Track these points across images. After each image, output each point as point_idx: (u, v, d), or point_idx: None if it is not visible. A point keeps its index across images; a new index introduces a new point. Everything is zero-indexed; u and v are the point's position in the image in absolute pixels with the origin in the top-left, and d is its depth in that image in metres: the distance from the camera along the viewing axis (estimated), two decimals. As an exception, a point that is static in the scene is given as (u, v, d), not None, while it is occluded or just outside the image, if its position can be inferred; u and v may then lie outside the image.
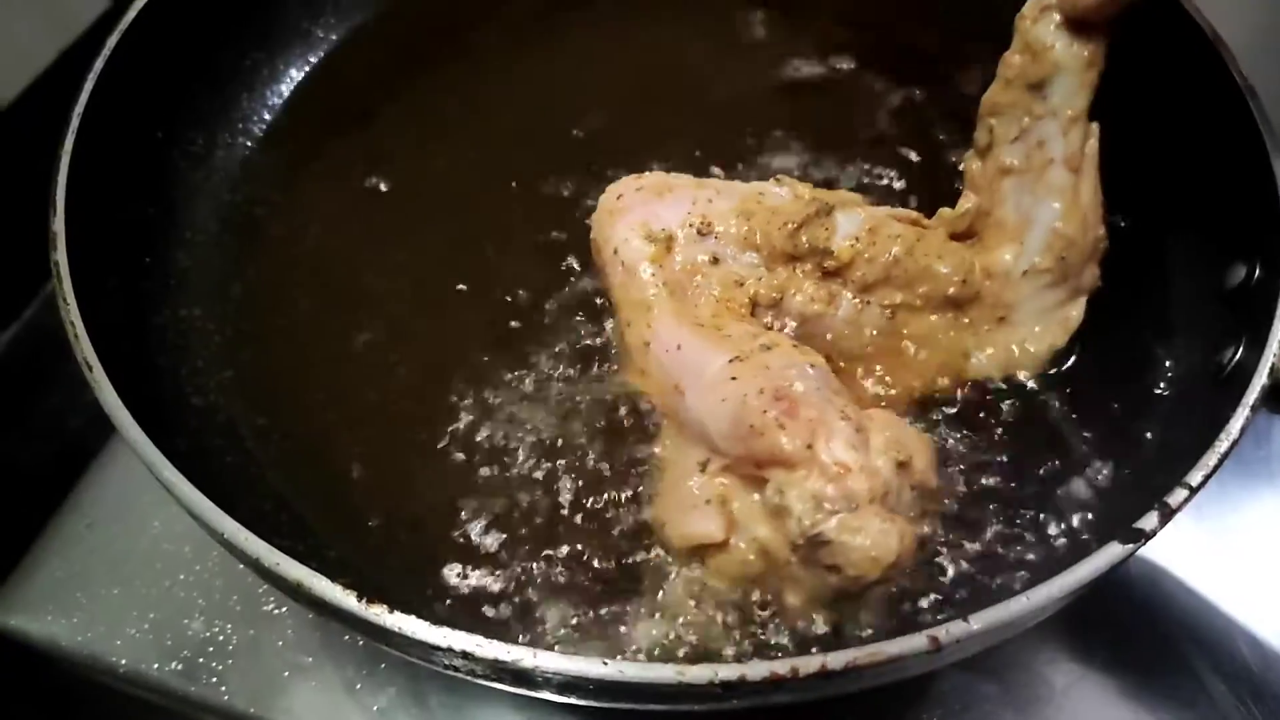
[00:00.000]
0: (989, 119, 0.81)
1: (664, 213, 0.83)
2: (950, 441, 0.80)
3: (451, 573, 0.75)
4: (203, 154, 0.98)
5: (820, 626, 0.71)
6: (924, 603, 0.73)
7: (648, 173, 0.88)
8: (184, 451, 0.70)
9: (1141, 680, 0.88)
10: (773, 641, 0.71)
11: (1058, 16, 0.77)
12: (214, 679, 0.88)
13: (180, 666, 0.88)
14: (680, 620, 0.73)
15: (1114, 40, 0.78)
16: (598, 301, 0.87)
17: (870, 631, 0.71)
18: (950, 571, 0.74)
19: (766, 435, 0.70)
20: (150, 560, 0.93)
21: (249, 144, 1.00)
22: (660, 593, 0.74)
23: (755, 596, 0.73)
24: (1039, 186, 0.79)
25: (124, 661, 0.89)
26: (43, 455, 1.03)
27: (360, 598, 0.61)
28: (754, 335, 0.77)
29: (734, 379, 0.73)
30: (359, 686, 0.87)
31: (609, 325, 0.86)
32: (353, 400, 0.83)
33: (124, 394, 0.70)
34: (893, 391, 0.83)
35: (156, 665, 0.89)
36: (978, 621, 0.61)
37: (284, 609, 0.90)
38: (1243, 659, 0.88)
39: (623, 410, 0.81)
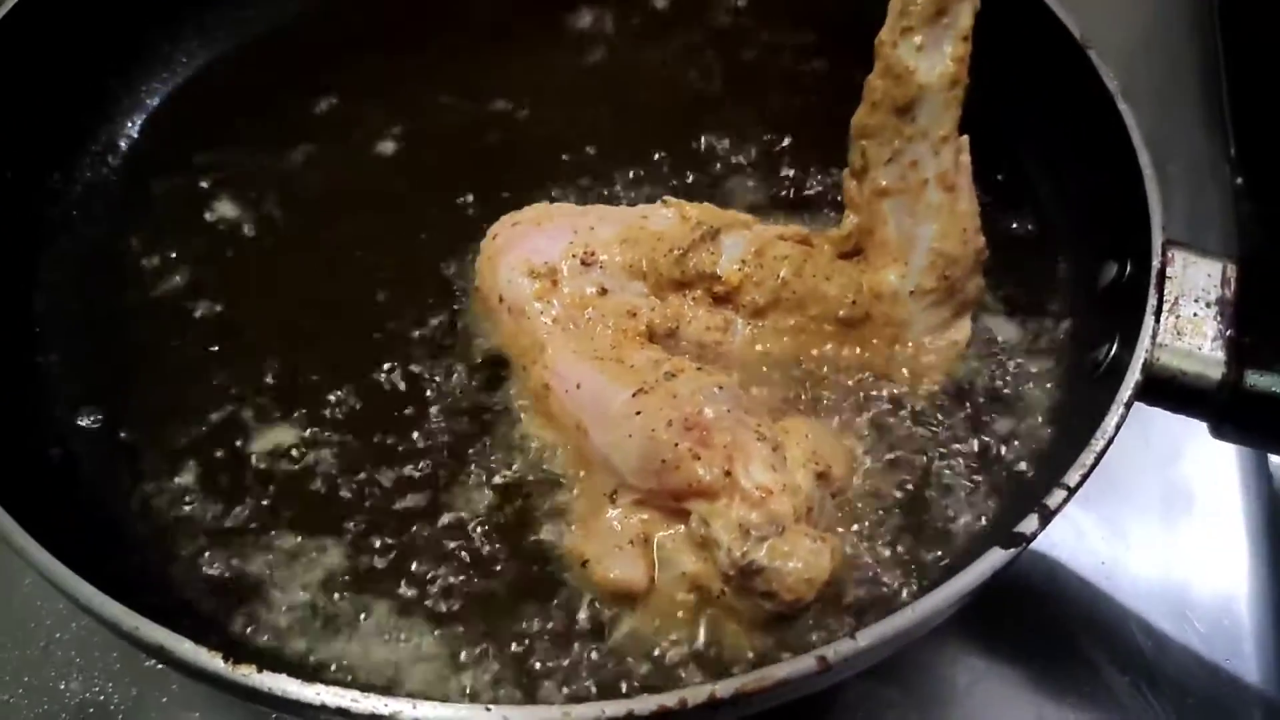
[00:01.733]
0: (860, 141, 0.80)
1: (544, 245, 0.82)
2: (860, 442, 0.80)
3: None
4: (59, 189, 0.93)
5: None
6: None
7: (525, 208, 0.87)
8: (41, 510, 0.66)
9: (1042, 673, 0.88)
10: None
11: (918, 39, 0.76)
12: (96, 742, 0.83)
13: (60, 731, 0.84)
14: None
15: (974, 54, 0.77)
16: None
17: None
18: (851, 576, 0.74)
19: (682, 468, 0.69)
20: (22, 620, 0.88)
21: (108, 175, 0.96)
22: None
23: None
24: (917, 207, 0.79)
25: (-2, 729, 0.84)
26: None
27: (226, 658, 0.58)
28: (657, 363, 0.75)
29: (639, 413, 0.72)
30: (247, 740, 0.84)
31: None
32: (219, 443, 0.81)
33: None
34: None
35: (33, 731, 0.84)
36: (865, 638, 0.60)
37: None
38: (1137, 645, 0.90)
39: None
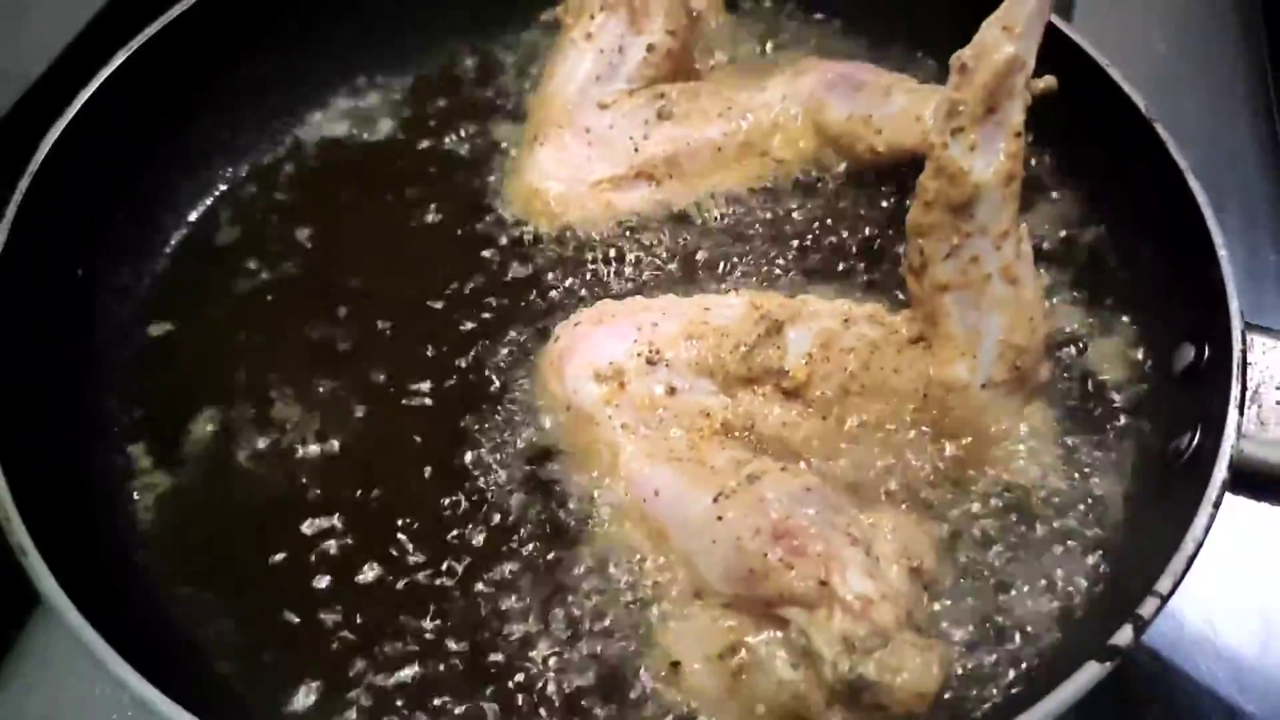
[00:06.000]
0: (917, 239, 0.79)
1: (608, 345, 0.82)
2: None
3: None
4: (129, 284, 0.94)
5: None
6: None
7: (588, 308, 0.87)
8: (127, 629, 0.67)
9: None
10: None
11: (970, 138, 0.75)
12: None
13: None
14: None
15: (1025, 145, 0.76)
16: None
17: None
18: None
19: (773, 578, 0.68)
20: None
21: (167, 267, 0.97)
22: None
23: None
24: (981, 300, 0.78)
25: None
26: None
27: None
28: (738, 464, 0.75)
29: (721, 519, 0.71)
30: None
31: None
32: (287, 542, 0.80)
33: (61, 577, 0.67)
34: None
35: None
36: (964, 763, 0.60)
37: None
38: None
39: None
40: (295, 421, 0.86)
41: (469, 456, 0.84)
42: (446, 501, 0.82)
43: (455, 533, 0.80)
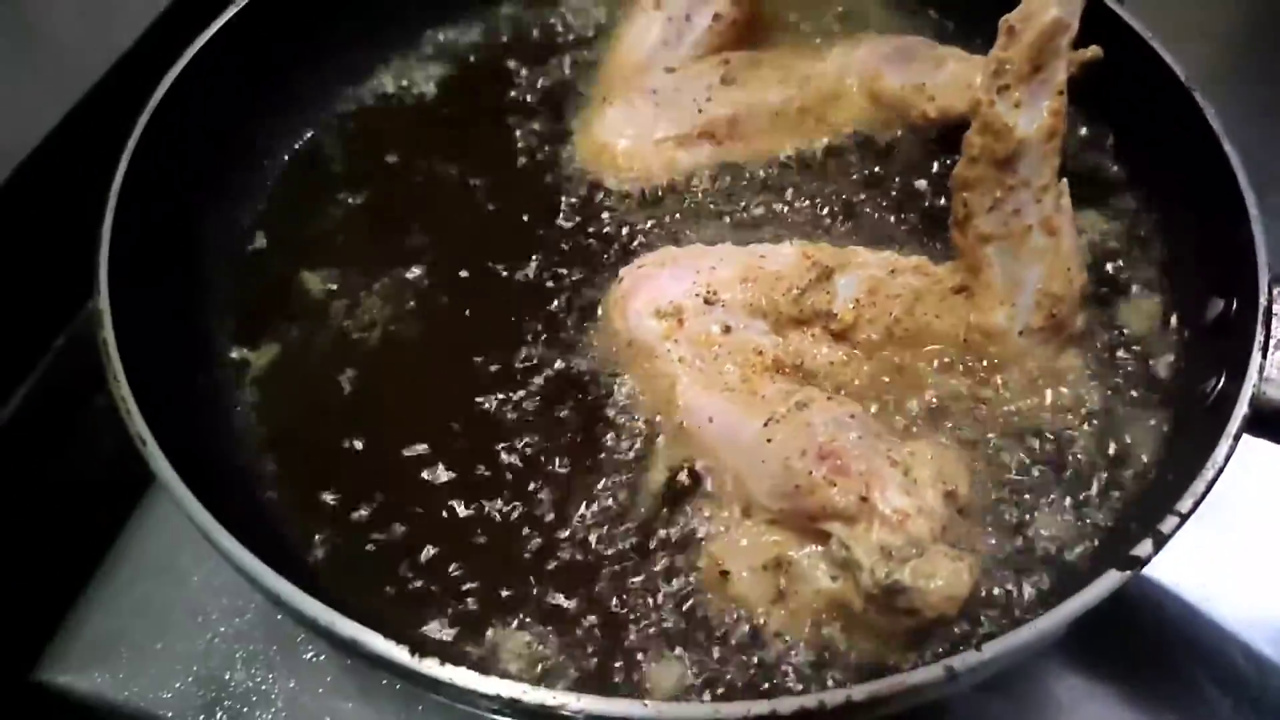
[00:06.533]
0: (962, 193, 0.84)
1: (668, 286, 0.89)
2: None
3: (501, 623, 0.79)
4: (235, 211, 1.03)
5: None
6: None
7: (650, 253, 0.94)
8: (233, 513, 0.74)
9: (1145, 692, 0.91)
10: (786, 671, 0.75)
11: (1015, 96, 0.81)
12: (258, 729, 0.91)
13: (225, 718, 0.92)
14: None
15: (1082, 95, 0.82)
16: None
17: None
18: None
19: (816, 494, 0.74)
20: (192, 614, 0.96)
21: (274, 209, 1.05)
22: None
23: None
24: (1021, 251, 0.83)
25: (170, 715, 0.92)
26: (81, 508, 1.06)
27: (413, 652, 0.65)
28: (787, 394, 0.81)
29: (770, 441, 0.77)
30: (398, 729, 0.91)
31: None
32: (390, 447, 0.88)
33: (177, 465, 0.74)
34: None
35: (202, 718, 0.92)
36: (989, 650, 0.65)
37: (323, 657, 0.93)
38: (1240, 669, 0.92)
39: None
40: (379, 320, 0.95)
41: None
42: (512, 415, 0.89)
43: (528, 443, 0.87)
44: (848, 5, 1.16)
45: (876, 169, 1.03)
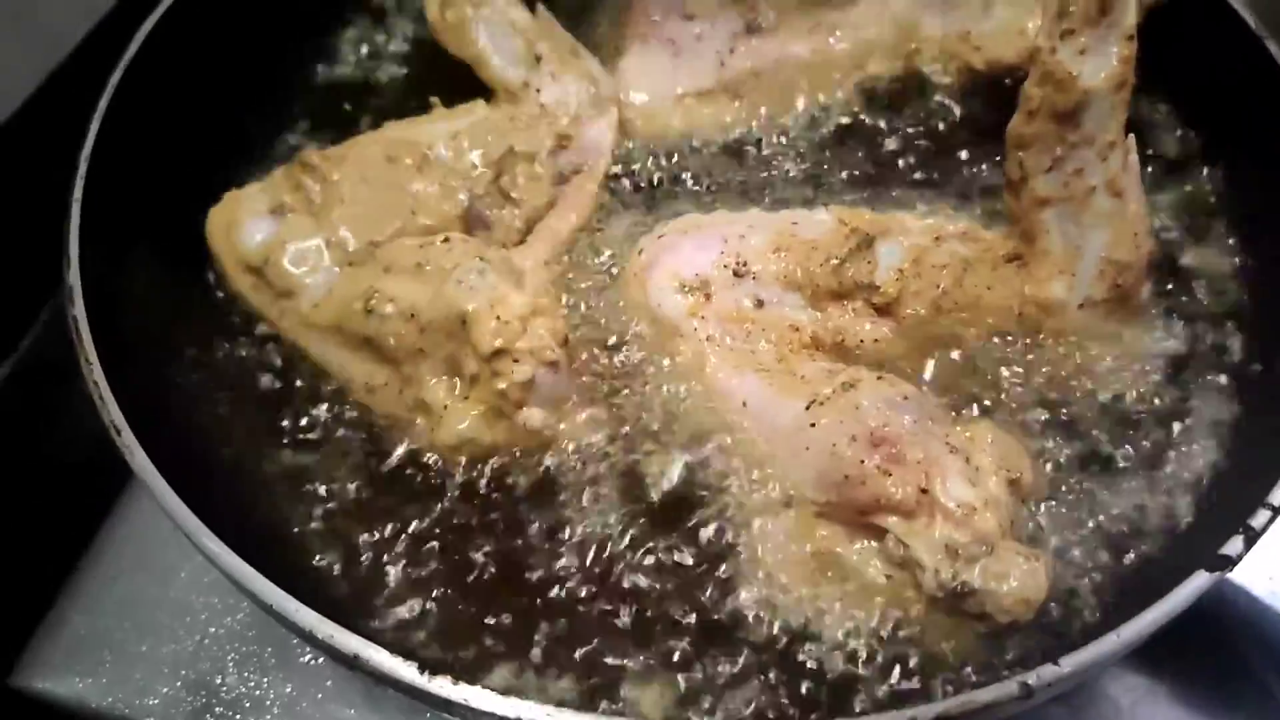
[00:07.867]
0: (1018, 152, 0.77)
1: (693, 256, 0.81)
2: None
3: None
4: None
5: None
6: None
7: (673, 220, 0.86)
8: (218, 510, 0.67)
9: (1209, 693, 0.85)
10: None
11: (1080, 41, 0.72)
12: (252, 737, 0.85)
13: (217, 726, 0.86)
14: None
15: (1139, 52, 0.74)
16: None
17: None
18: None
19: (869, 485, 0.67)
20: (180, 613, 0.90)
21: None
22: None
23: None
24: (1084, 215, 0.76)
25: (157, 722, 0.86)
26: (57, 502, 0.99)
27: (422, 669, 0.58)
28: (830, 373, 0.74)
29: (814, 425, 0.70)
30: (403, 738, 0.84)
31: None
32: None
33: (155, 457, 0.67)
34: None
35: (192, 725, 0.86)
36: (1068, 664, 0.59)
37: (321, 660, 0.87)
38: (1309, 666, 0.86)
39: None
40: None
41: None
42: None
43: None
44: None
45: (916, 127, 0.95)
